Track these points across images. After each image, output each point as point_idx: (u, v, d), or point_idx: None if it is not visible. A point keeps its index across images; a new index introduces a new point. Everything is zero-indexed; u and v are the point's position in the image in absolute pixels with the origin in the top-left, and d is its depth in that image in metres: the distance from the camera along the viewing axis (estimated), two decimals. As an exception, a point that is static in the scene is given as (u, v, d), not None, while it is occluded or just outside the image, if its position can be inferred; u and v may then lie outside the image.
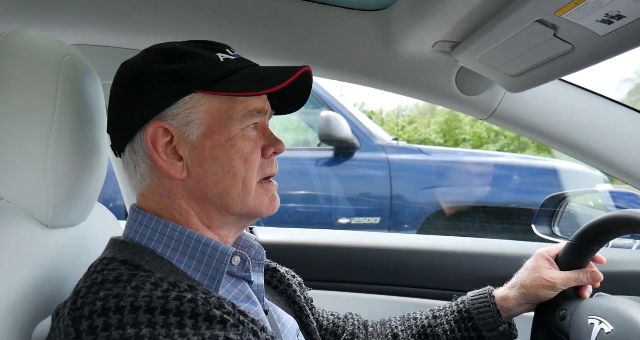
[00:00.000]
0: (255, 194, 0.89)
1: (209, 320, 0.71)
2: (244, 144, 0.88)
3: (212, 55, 0.89)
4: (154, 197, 0.90)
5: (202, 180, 0.87)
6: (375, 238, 1.91)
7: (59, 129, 0.89)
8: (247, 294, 0.89)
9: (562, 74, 1.18)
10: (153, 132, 0.86)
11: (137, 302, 0.70)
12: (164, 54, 0.89)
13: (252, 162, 0.88)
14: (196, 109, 0.86)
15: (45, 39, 0.94)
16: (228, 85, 0.86)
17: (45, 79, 0.89)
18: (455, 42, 1.28)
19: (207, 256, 0.85)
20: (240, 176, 0.87)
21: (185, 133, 0.87)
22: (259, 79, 0.87)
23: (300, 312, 1.06)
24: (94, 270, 0.80)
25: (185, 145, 0.87)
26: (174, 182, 0.88)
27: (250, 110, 0.89)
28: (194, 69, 0.86)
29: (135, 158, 0.90)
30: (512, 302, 1.17)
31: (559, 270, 1.19)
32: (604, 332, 1.03)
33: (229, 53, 0.92)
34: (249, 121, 0.89)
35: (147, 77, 0.87)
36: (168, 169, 0.87)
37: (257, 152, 0.89)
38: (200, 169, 0.87)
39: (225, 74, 0.87)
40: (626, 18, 0.87)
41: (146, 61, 0.89)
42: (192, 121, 0.86)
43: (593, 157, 1.44)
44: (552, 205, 1.94)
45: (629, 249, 1.81)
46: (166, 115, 0.87)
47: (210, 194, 0.87)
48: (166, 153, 0.87)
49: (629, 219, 1.13)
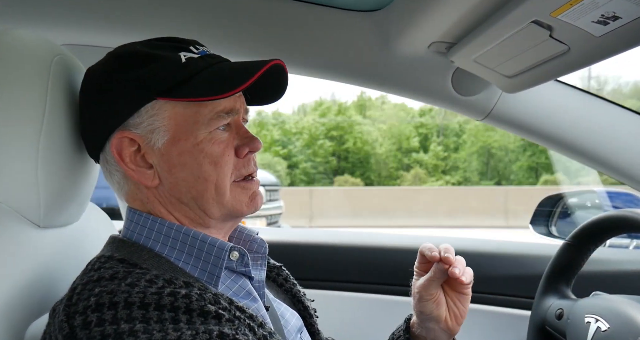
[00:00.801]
0: (231, 194, 0.87)
1: (203, 316, 0.71)
2: (213, 148, 0.85)
3: (174, 56, 0.85)
4: (136, 202, 0.89)
5: (175, 187, 0.86)
6: (371, 237, 1.91)
7: (49, 128, 0.89)
8: (248, 290, 0.89)
9: (558, 75, 1.18)
10: (118, 142, 0.85)
11: (131, 298, 0.70)
12: (123, 59, 0.87)
13: (224, 164, 0.86)
14: (159, 116, 0.84)
15: (35, 39, 0.93)
16: (190, 90, 0.83)
17: (35, 79, 0.88)
18: (451, 42, 1.28)
19: (204, 252, 0.84)
20: (211, 180, 0.85)
21: (151, 141, 0.85)
22: (222, 80, 0.84)
23: (305, 311, 1.05)
24: (91, 268, 0.80)
25: (153, 153, 0.85)
26: (149, 190, 0.87)
27: (217, 112, 0.85)
28: (154, 74, 0.83)
29: (108, 167, 0.89)
30: (416, 326, 1.06)
31: None
32: (601, 331, 1.04)
33: (193, 51, 0.88)
34: (217, 124, 0.86)
35: (107, 85, 0.86)
36: (138, 178, 0.86)
37: (228, 154, 0.87)
38: (170, 176, 0.85)
39: (186, 78, 0.84)
40: (622, 19, 0.87)
41: (107, 68, 0.87)
42: (156, 129, 0.84)
43: (588, 157, 1.44)
44: (549, 205, 1.95)
45: (627, 248, 1.82)
46: (129, 125, 0.85)
47: (185, 200, 0.86)
48: (135, 162, 0.85)
49: (626, 219, 1.13)
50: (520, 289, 1.66)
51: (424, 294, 0.98)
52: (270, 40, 1.43)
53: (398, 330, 1.09)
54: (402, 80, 1.46)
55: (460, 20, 1.14)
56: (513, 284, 1.67)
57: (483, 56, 1.21)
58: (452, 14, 1.12)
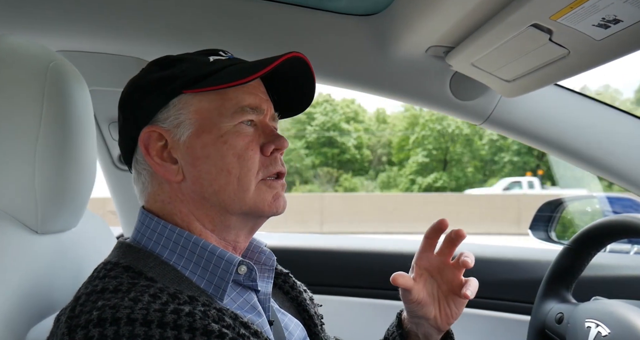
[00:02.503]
0: (255, 191, 0.87)
1: (206, 335, 0.70)
2: (237, 140, 0.86)
3: (202, 58, 0.89)
4: (157, 203, 0.90)
5: (198, 181, 0.86)
6: (371, 243, 1.91)
7: (46, 135, 0.89)
8: (253, 304, 0.88)
9: (557, 79, 1.18)
10: (146, 136, 0.87)
11: (134, 315, 0.69)
12: (157, 64, 0.91)
13: (247, 158, 0.86)
14: (185, 110, 0.87)
15: (31, 45, 0.93)
16: (213, 81, 0.86)
17: (31, 85, 0.89)
18: (449, 46, 1.28)
19: (212, 264, 0.84)
20: (234, 173, 0.85)
21: (177, 135, 0.87)
22: (242, 70, 0.86)
23: (310, 320, 1.04)
24: (96, 276, 0.80)
25: (178, 147, 0.87)
26: (173, 186, 0.88)
27: (242, 106, 0.87)
28: (181, 71, 0.87)
29: (138, 167, 0.91)
30: (406, 321, 1.06)
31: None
32: (601, 336, 1.04)
33: (222, 55, 0.92)
34: (241, 117, 0.87)
35: (139, 87, 0.90)
36: (163, 173, 0.87)
37: (252, 149, 0.87)
38: (194, 170, 0.86)
39: (212, 72, 0.87)
40: (623, 22, 0.86)
41: (142, 73, 0.92)
42: (182, 122, 0.86)
43: (588, 162, 1.44)
44: (548, 210, 1.94)
45: (627, 254, 1.82)
46: (158, 120, 0.87)
47: (207, 194, 0.86)
48: (161, 157, 0.87)
49: (626, 224, 1.13)
50: (520, 294, 1.66)
51: (405, 294, 0.99)
52: (267, 45, 1.43)
53: (392, 326, 1.10)
54: (400, 85, 1.46)
55: (458, 24, 1.14)
56: (513, 289, 1.67)
57: (481, 60, 1.21)
58: (450, 17, 1.12)
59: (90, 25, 1.39)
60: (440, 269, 1.00)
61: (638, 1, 0.80)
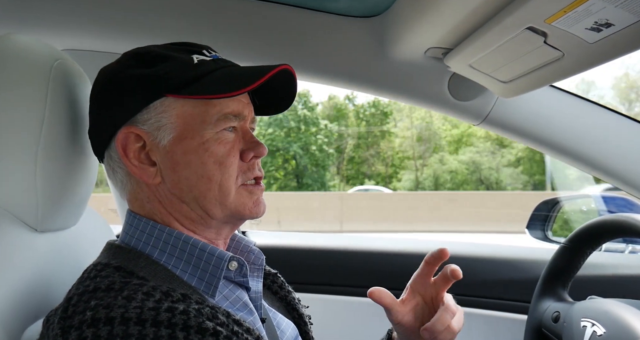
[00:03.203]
0: (236, 196, 0.86)
1: (201, 333, 0.70)
2: (218, 148, 0.85)
3: (186, 57, 0.87)
4: (137, 202, 0.89)
5: (177, 185, 0.85)
6: (368, 241, 1.91)
7: (48, 133, 0.89)
8: (244, 301, 0.88)
9: (552, 81, 1.19)
10: (124, 137, 0.85)
11: (128, 314, 0.69)
12: (137, 58, 0.88)
13: (228, 165, 0.85)
14: (167, 114, 0.84)
15: (36, 44, 0.93)
16: (199, 88, 0.84)
17: (35, 83, 0.88)
18: (447, 48, 1.29)
19: (203, 261, 0.83)
20: (215, 180, 0.84)
21: (157, 138, 0.85)
22: (230, 80, 0.84)
23: (300, 319, 1.04)
24: (87, 276, 0.79)
25: (157, 150, 0.85)
26: (151, 188, 0.87)
27: (225, 113, 0.86)
28: (165, 73, 0.84)
29: (112, 164, 0.89)
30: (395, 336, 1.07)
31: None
32: (597, 335, 1.04)
33: (206, 54, 0.89)
34: (223, 125, 0.86)
35: (118, 82, 0.86)
36: (140, 175, 0.86)
37: (233, 155, 0.86)
38: (173, 174, 0.85)
39: (197, 77, 0.84)
40: (615, 26, 0.88)
41: (119, 66, 0.88)
42: (163, 126, 0.85)
43: (584, 162, 1.45)
44: (545, 209, 1.95)
45: (622, 253, 1.82)
46: (137, 121, 0.85)
47: (187, 199, 0.86)
48: (138, 159, 0.86)
49: (622, 224, 1.14)
50: (516, 293, 1.66)
51: (387, 313, 0.97)
52: (267, 46, 1.44)
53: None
54: (399, 85, 1.47)
55: (456, 27, 1.15)
56: (509, 288, 1.67)
57: (479, 62, 1.22)
58: (448, 20, 1.13)
59: (96, 24, 1.39)
60: (434, 298, 0.98)
61: (629, 5, 0.81)
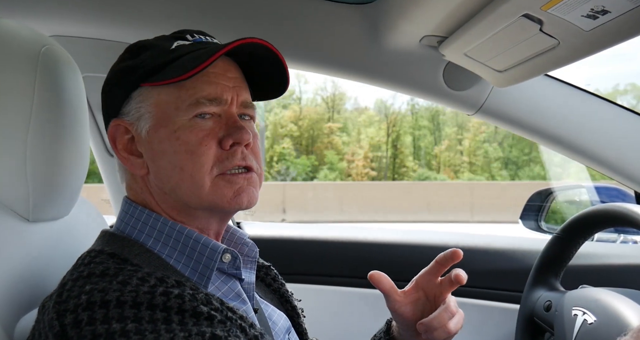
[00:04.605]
0: (212, 187, 0.83)
1: (196, 317, 0.71)
2: (189, 136, 0.82)
3: (167, 44, 0.86)
4: (132, 192, 0.90)
5: (157, 176, 0.85)
6: (365, 232, 1.91)
7: (37, 121, 0.88)
8: (237, 292, 0.88)
9: (548, 69, 1.19)
10: (113, 130, 0.87)
11: (123, 297, 0.69)
12: (129, 50, 0.89)
13: (200, 154, 0.82)
14: (145, 103, 0.85)
15: (23, 30, 0.91)
16: (167, 73, 0.82)
17: (22, 70, 0.87)
18: (442, 36, 1.29)
19: (197, 252, 0.83)
20: (187, 170, 0.82)
21: (139, 129, 0.85)
22: (195, 59, 0.81)
23: (293, 311, 1.05)
24: (81, 262, 0.79)
25: (141, 141, 0.86)
26: (141, 179, 0.88)
27: (197, 98, 0.83)
28: (141, 61, 0.84)
29: (116, 158, 0.91)
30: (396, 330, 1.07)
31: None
32: (587, 323, 1.05)
33: (188, 38, 0.88)
34: (196, 110, 0.83)
35: (110, 76, 0.89)
36: (129, 166, 0.87)
37: (206, 144, 0.82)
38: (154, 165, 0.85)
39: (168, 62, 0.83)
40: (611, 13, 0.87)
41: (116, 60, 0.91)
42: (142, 116, 0.85)
43: (577, 152, 1.45)
44: (538, 200, 1.96)
45: (614, 243, 1.84)
46: (122, 113, 0.87)
47: (167, 189, 0.85)
48: (128, 150, 0.86)
49: (614, 213, 1.14)
50: (509, 282, 1.67)
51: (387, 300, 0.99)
52: (259, 33, 1.42)
53: (379, 333, 1.11)
54: (394, 74, 1.46)
55: (451, 14, 1.14)
56: (502, 278, 1.68)
57: (474, 50, 1.22)
58: (443, 7, 1.12)
59: (85, 10, 1.37)
60: (437, 297, 0.98)
61: None
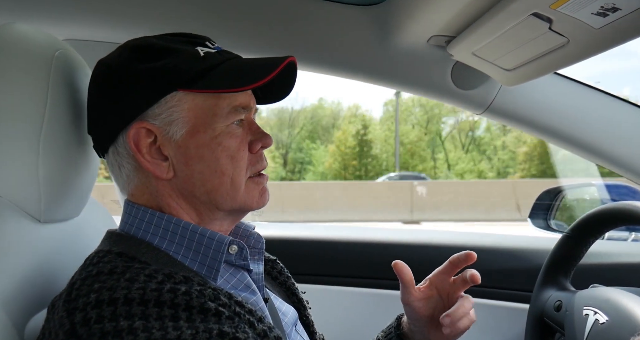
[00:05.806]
0: (245, 189, 0.88)
1: (203, 313, 0.71)
2: (230, 142, 0.85)
3: (191, 49, 0.86)
4: (144, 196, 0.89)
5: (189, 180, 0.85)
6: (371, 232, 1.91)
7: (50, 123, 0.89)
8: (246, 283, 0.88)
9: (557, 68, 1.18)
10: (135, 133, 0.84)
11: (131, 294, 0.69)
12: (140, 51, 0.86)
13: (240, 159, 0.86)
14: (179, 108, 0.84)
15: (37, 33, 0.92)
16: (212, 82, 0.84)
17: (36, 73, 0.88)
18: (450, 36, 1.29)
19: (203, 246, 0.84)
20: (228, 174, 0.85)
21: (169, 133, 0.84)
22: (242, 74, 0.85)
23: (299, 303, 1.06)
24: (89, 262, 0.79)
25: (169, 145, 0.85)
26: (161, 182, 0.86)
27: (234, 106, 0.86)
28: (174, 66, 0.83)
29: (119, 160, 0.88)
30: (404, 324, 1.10)
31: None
32: (599, 323, 1.04)
33: (209, 46, 0.89)
34: (233, 118, 0.86)
35: (124, 77, 0.84)
36: (154, 170, 0.85)
37: (243, 149, 0.87)
38: (186, 169, 0.85)
39: (207, 70, 0.84)
40: (621, 10, 0.87)
41: (123, 60, 0.86)
42: (175, 120, 0.84)
43: (587, 150, 1.44)
44: (548, 198, 1.95)
45: (625, 241, 1.82)
46: (148, 116, 0.84)
47: (198, 193, 0.86)
48: (150, 154, 0.85)
49: (625, 212, 1.13)
50: (518, 282, 1.66)
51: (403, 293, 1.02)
52: (268, 36, 1.43)
53: (389, 328, 1.12)
54: (402, 74, 1.46)
55: (459, 14, 1.14)
56: (512, 277, 1.68)
57: (482, 49, 1.22)
58: (451, 7, 1.12)
59: (98, 14, 1.38)
60: (450, 296, 1.02)
61: None
